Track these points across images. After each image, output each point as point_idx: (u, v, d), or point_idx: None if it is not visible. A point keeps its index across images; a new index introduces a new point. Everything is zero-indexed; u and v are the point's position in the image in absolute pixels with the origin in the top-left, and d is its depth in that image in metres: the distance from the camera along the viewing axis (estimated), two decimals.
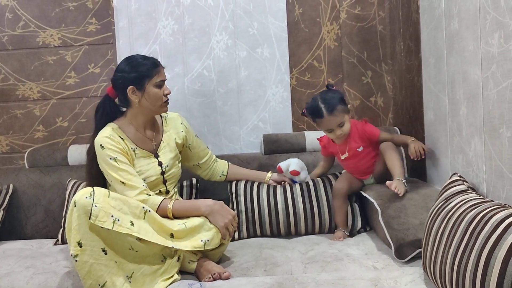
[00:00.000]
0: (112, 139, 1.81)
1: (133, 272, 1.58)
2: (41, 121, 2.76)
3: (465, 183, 1.50)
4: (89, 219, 1.50)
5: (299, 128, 2.68)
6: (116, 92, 1.90)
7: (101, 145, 1.80)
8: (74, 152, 2.49)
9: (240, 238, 2.12)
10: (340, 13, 2.65)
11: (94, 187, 1.58)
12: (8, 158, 2.78)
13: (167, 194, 1.94)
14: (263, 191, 2.14)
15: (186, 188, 2.26)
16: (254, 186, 2.17)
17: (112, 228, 1.51)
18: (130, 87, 1.83)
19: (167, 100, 1.90)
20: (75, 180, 2.34)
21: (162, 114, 2.04)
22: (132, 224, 1.56)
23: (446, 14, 1.78)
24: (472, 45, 1.54)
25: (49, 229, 2.37)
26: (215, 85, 2.63)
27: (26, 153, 2.54)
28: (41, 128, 2.76)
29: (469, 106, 1.59)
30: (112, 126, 1.88)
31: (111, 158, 1.79)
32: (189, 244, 1.67)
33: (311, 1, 2.65)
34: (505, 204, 1.24)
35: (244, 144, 2.66)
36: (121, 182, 1.76)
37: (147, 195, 1.77)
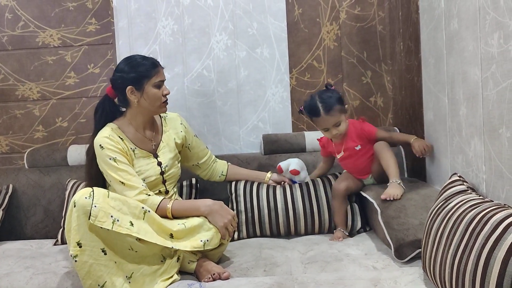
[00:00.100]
0: (112, 139, 1.81)
1: (133, 273, 1.58)
2: (41, 121, 2.75)
3: (465, 183, 1.50)
4: (89, 220, 1.50)
5: (299, 128, 2.68)
6: (116, 92, 1.90)
7: (101, 145, 1.80)
8: (74, 152, 2.49)
9: (240, 238, 2.12)
10: (340, 13, 2.65)
11: (94, 188, 1.58)
12: (8, 158, 2.78)
13: (167, 194, 1.94)
14: (263, 191, 2.14)
15: (186, 188, 2.26)
16: (254, 186, 2.17)
17: (112, 229, 1.51)
18: (129, 87, 1.83)
19: (166, 100, 1.90)
20: (75, 180, 2.34)
21: (162, 114, 2.04)
22: (132, 225, 1.56)
23: (446, 14, 1.78)
24: (472, 46, 1.54)
25: (49, 229, 2.37)
26: (215, 85, 2.63)
27: (26, 153, 2.54)
28: (41, 128, 2.76)
29: (469, 106, 1.59)
30: (112, 126, 1.88)
31: (111, 158, 1.79)
32: (189, 244, 1.67)
33: (311, 1, 2.65)
34: (505, 204, 1.24)
35: (244, 144, 2.66)
36: (121, 182, 1.76)
37: (147, 195, 1.77)
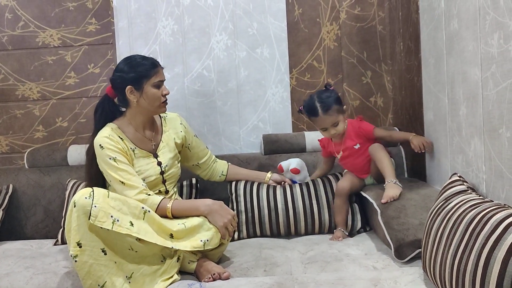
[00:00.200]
0: (112, 139, 1.81)
1: (133, 273, 1.58)
2: (41, 121, 2.75)
3: (465, 183, 1.50)
4: (89, 220, 1.50)
5: (299, 128, 2.68)
6: (115, 92, 1.90)
7: (101, 145, 1.80)
8: (74, 152, 2.49)
9: (240, 238, 2.12)
10: (340, 14, 2.65)
11: (94, 188, 1.58)
12: (8, 158, 2.78)
13: (167, 194, 1.94)
14: (263, 191, 2.14)
15: (186, 188, 2.26)
16: (254, 186, 2.17)
17: (112, 229, 1.51)
18: (129, 87, 1.83)
19: (166, 101, 1.90)
20: (75, 180, 2.34)
21: (161, 114, 2.04)
22: (132, 225, 1.56)
23: (446, 15, 1.78)
24: (472, 46, 1.54)
25: (49, 229, 2.37)
26: (215, 85, 2.63)
27: (26, 153, 2.54)
28: (41, 128, 2.76)
29: (469, 106, 1.59)
30: (112, 126, 1.88)
31: (111, 158, 1.79)
32: (189, 244, 1.67)
33: (311, 1, 2.65)
34: (505, 204, 1.24)
35: (244, 144, 2.66)
36: (121, 182, 1.76)
37: (147, 195, 1.77)
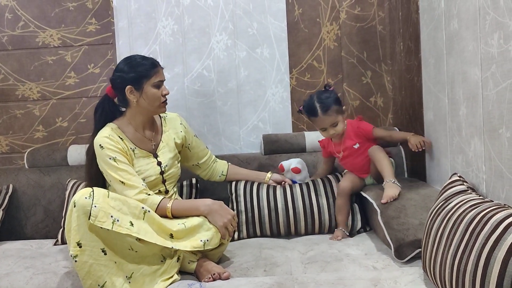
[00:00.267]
0: (112, 139, 1.82)
1: (133, 273, 1.58)
2: (41, 121, 2.75)
3: (465, 183, 1.50)
4: (89, 220, 1.50)
5: (299, 129, 2.68)
6: (115, 92, 1.90)
7: (101, 145, 1.80)
8: (74, 152, 2.49)
9: (240, 238, 2.12)
10: (340, 14, 2.65)
11: (94, 188, 1.58)
12: (8, 158, 2.78)
13: (167, 194, 1.94)
14: (263, 191, 2.14)
15: (186, 188, 2.26)
16: (254, 186, 2.17)
17: (112, 229, 1.51)
18: (128, 87, 1.84)
19: (166, 101, 1.90)
20: (75, 180, 2.34)
21: (161, 114, 2.04)
22: (132, 225, 1.56)
23: (446, 15, 1.78)
24: (472, 46, 1.54)
25: (49, 229, 2.37)
26: (215, 85, 2.63)
27: (26, 153, 2.54)
28: (41, 128, 2.76)
29: (469, 107, 1.59)
30: (111, 126, 1.88)
31: (111, 158, 1.79)
32: (189, 244, 1.67)
33: (311, 1, 2.65)
34: (505, 204, 1.24)
35: (244, 144, 2.66)
36: (121, 182, 1.76)
37: (147, 194, 1.77)
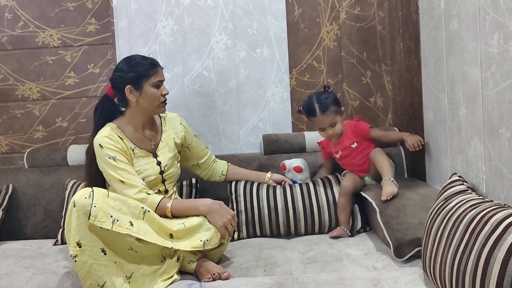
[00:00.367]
0: (111, 139, 1.82)
1: (133, 273, 1.58)
2: (41, 121, 2.75)
3: (465, 183, 1.50)
4: (88, 220, 1.50)
5: (299, 129, 2.68)
6: (115, 92, 1.90)
7: (100, 145, 1.80)
8: (74, 152, 2.49)
9: (240, 238, 2.12)
10: (340, 14, 2.65)
11: (94, 188, 1.58)
12: (8, 158, 2.78)
13: (166, 194, 1.94)
14: (263, 191, 2.14)
15: (186, 188, 2.26)
16: (254, 186, 2.17)
17: (111, 228, 1.51)
18: (128, 87, 1.84)
19: (165, 100, 1.90)
20: (75, 180, 2.33)
21: (161, 114, 2.04)
22: (131, 224, 1.56)
23: (446, 15, 1.78)
24: (472, 46, 1.54)
25: (49, 229, 2.37)
26: (215, 85, 2.63)
27: (26, 153, 2.54)
28: (41, 128, 2.76)
29: (469, 107, 1.59)
30: (111, 126, 1.88)
31: (110, 157, 1.79)
32: (189, 244, 1.67)
33: (311, 1, 2.65)
34: (505, 204, 1.24)
35: (244, 144, 2.66)
36: (120, 181, 1.76)
37: (146, 194, 1.77)
